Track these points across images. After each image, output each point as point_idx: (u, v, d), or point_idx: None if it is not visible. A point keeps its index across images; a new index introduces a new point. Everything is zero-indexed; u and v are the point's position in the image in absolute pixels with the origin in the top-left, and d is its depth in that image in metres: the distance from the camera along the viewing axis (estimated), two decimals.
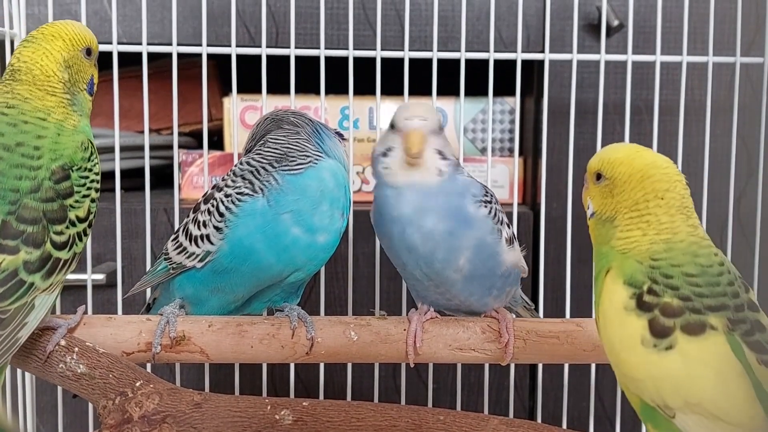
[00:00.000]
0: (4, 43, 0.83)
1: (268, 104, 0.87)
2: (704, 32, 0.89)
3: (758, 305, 0.54)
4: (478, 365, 0.97)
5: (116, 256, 0.84)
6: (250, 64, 0.91)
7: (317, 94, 0.87)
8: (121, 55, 0.84)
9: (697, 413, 0.50)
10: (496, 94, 0.98)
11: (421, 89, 0.94)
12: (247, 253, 0.66)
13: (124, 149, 1.03)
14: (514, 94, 0.87)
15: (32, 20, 0.93)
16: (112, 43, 0.83)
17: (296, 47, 0.85)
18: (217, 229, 0.67)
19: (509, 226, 0.72)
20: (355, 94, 0.86)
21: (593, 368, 0.89)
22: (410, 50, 0.85)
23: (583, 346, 0.70)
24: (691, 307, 0.52)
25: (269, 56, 0.85)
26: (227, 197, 0.67)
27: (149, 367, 0.80)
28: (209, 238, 0.67)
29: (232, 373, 0.87)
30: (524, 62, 0.89)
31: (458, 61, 0.86)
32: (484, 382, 0.89)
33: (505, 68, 0.93)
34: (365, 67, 0.87)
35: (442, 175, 0.66)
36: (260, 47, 0.85)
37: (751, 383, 0.50)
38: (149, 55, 0.84)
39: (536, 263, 0.91)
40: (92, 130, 0.66)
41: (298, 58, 0.85)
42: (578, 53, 0.87)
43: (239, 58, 0.85)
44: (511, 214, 0.86)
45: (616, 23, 0.93)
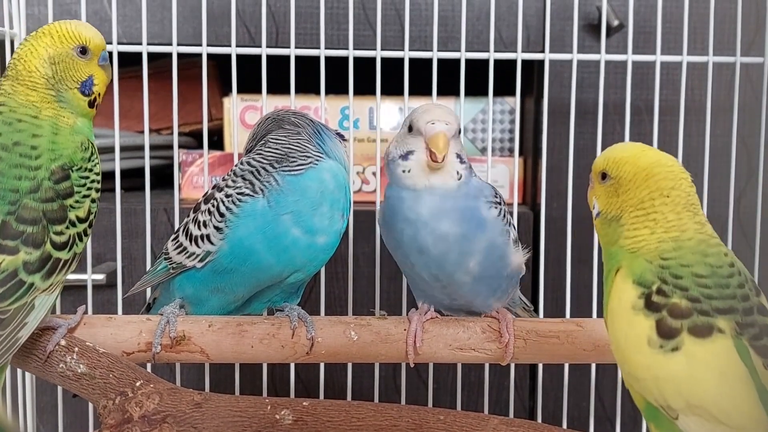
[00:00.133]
0: (4, 43, 0.83)
1: (268, 104, 0.87)
2: (704, 32, 0.89)
3: None
4: (478, 365, 0.97)
5: (116, 256, 0.84)
6: (250, 64, 0.91)
7: (317, 94, 0.87)
8: (121, 55, 0.84)
9: (699, 416, 0.50)
10: (496, 94, 0.98)
11: (421, 89, 0.94)
12: (247, 253, 0.66)
13: (124, 149, 1.03)
14: (514, 94, 0.87)
15: (32, 20, 0.93)
16: (112, 43, 0.83)
17: (296, 47, 0.85)
18: (217, 229, 0.67)
19: (515, 227, 0.72)
20: (355, 94, 0.86)
21: (593, 368, 0.89)
22: (410, 50, 0.85)
23: (583, 346, 0.70)
24: (699, 308, 0.52)
25: (269, 56, 0.85)
26: (228, 197, 0.67)
27: (149, 367, 0.80)
28: (209, 238, 0.67)
29: (232, 373, 0.87)
30: (524, 62, 0.89)
31: (458, 61, 0.86)
32: (484, 382, 0.89)
33: (505, 68, 0.92)
34: (365, 67, 0.87)
35: (460, 178, 0.67)
36: (260, 47, 0.85)
37: (755, 388, 0.50)
38: (149, 55, 0.84)
39: (536, 263, 0.91)
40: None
41: (298, 58, 0.85)
42: (578, 53, 0.87)
43: (239, 58, 0.85)
44: (511, 214, 0.86)
45: (616, 23, 0.93)
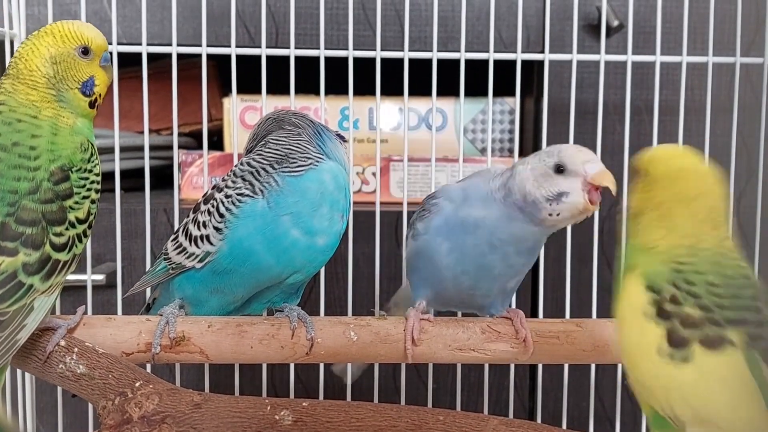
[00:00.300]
0: (3, 43, 0.83)
1: (267, 105, 0.87)
2: (704, 32, 0.89)
3: None
4: (478, 365, 0.97)
5: (116, 256, 0.84)
6: (249, 64, 0.91)
7: (317, 94, 0.87)
8: (120, 55, 0.84)
9: (706, 428, 0.50)
10: (495, 94, 0.98)
11: (421, 89, 0.94)
12: (246, 254, 0.66)
13: (123, 150, 1.03)
14: (514, 94, 0.87)
15: (32, 20, 0.93)
16: (111, 43, 0.83)
17: (296, 47, 0.85)
18: (216, 229, 0.67)
19: None
20: (355, 94, 0.86)
21: (593, 368, 0.89)
22: (410, 50, 0.85)
23: (583, 346, 0.70)
24: (711, 318, 0.51)
25: (269, 56, 0.85)
26: (227, 198, 0.67)
27: (149, 367, 0.80)
28: (209, 238, 0.67)
29: (232, 373, 0.87)
30: (524, 62, 0.89)
31: (458, 61, 0.86)
32: (484, 382, 0.89)
33: (505, 68, 0.92)
34: (365, 67, 0.87)
35: None
36: (260, 47, 0.85)
37: (765, 401, 0.49)
38: (149, 55, 0.84)
39: (536, 263, 0.91)
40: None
41: (297, 58, 0.85)
42: (578, 53, 0.87)
43: (239, 58, 0.85)
44: None
45: (616, 23, 0.93)
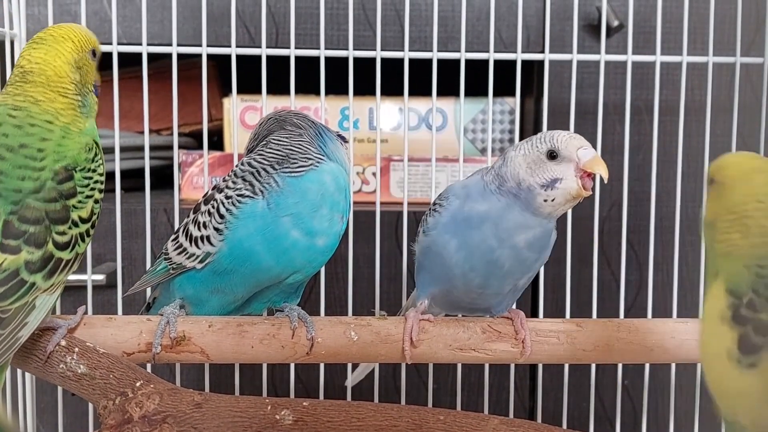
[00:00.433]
0: (3, 43, 0.83)
1: (268, 105, 0.87)
2: (704, 32, 0.89)
3: None
4: (478, 365, 0.97)
5: (116, 256, 0.84)
6: (250, 64, 0.91)
7: (317, 94, 0.87)
8: (121, 55, 0.84)
9: None
10: (496, 94, 0.98)
11: (421, 89, 0.94)
12: (246, 254, 0.66)
13: (124, 150, 1.03)
14: (514, 94, 0.87)
15: (32, 21, 0.93)
16: (112, 43, 0.83)
17: (296, 47, 0.85)
18: (217, 230, 0.67)
19: None
20: (355, 94, 0.86)
21: (593, 368, 0.89)
22: (410, 50, 0.85)
23: (583, 346, 0.70)
24: None
25: (269, 56, 0.85)
26: (228, 199, 0.67)
27: (149, 367, 0.80)
28: (209, 239, 0.67)
29: (232, 373, 0.87)
30: (524, 62, 0.89)
31: (458, 61, 0.86)
32: (484, 382, 0.89)
33: (505, 68, 0.93)
34: (365, 67, 0.88)
35: None
36: (260, 47, 0.85)
37: None
38: (149, 55, 0.84)
39: None
40: None
41: (298, 58, 0.85)
42: (578, 53, 0.87)
43: (239, 58, 0.85)
44: None
45: (616, 23, 0.93)
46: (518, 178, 0.66)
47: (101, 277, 0.91)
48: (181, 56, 0.85)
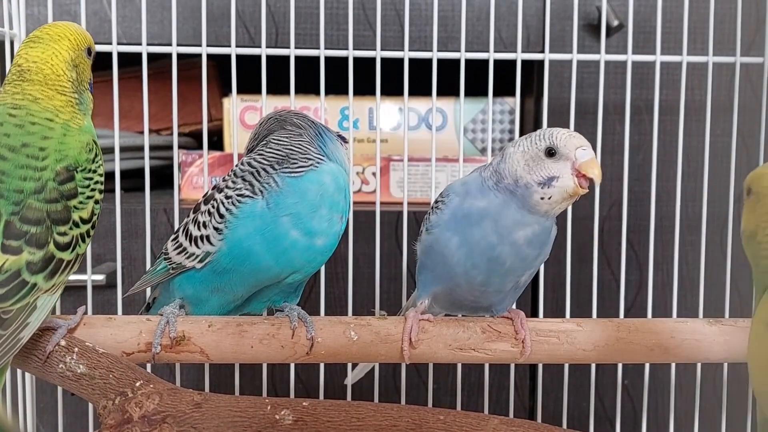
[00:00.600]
0: (3, 43, 0.83)
1: (267, 105, 0.87)
2: (704, 32, 0.89)
3: None
4: (478, 365, 0.97)
5: (116, 256, 0.84)
6: (249, 64, 0.91)
7: (317, 94, 0.87)
8: (120, 55, 0.84)
9: None
10: (496, 94, 0.98)
11: (421, 89, 0.94)
12: (246, 254, 0.66)
13: (123, 150, 1.03)
14: (514, 94, 0.87)
15: (32, 20, 0.93)
16: (111, 43, 0.83)
17: (296, 47, 0.85)
18: (216, 230, 0.67)
19: None
20: (354, 94, 0.86)
21: (593, 368, 0.89)
22: (410, 50, 0.85)
23: (583, 346, 0.70)
24: None
25: (269, 56, 0.85)
26: (227, 198, 0.67)
27: (149, 367, 0.80)
28: (209, 238, 0.67)
29: (232, 373, 0.87)
30: (524, 62, 0.89)
31: (458, 61, 0.86)
32: (484, 382, 0.89)
33: (505, 68, 0.93)
34: (365, 67, 0.88)
35: None
36: (260, 47, 0.84)
37: None
38: (149, 55, 0.84)
39: None
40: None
41: (297, 58, 0.85)
42: (578, 53, 0.87)
43: (239, 58, 0.85)
44: None
45: (616, 23, 0.93)
46: (516, 175, 0.66)
47: (101, 277, 0.91)
48: (181, 56, 0.85)
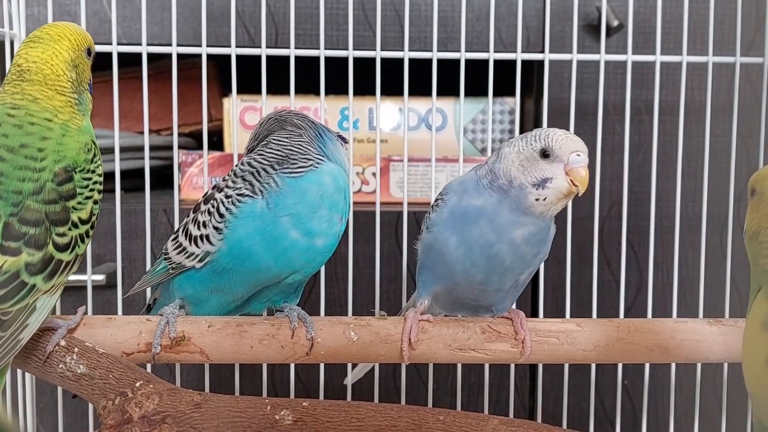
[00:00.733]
0: (3, 43, 0.83)
1: (267, 105, 0.87)
2: (704, 32, 0.89)
3: None
4: (478, 365, 0.97)
5: (116, 256, 0.84)
6: (249, 64, 0.91)
7: (317, 94, 0.87)
8: (120, 55, 0.84)
9: None
10: (495, 94, 0.98)
11: (421, 89, 0.94)
12: (245, 254, 0.66)
13: (123, 150, 1.03)
14: (514, 94, 0.87)
15: (32, 21, 0.93)
16: (111, 43, 0.83)
17: (296, 47, 0.85)
18: (216, 229, 0.67)
19: None
20: (354, 94, 0.86)
21: (593, 368, 0.89)
22: (410, 50, 0.85)
23: (583, 346, 0.70)
24: None
25: (269, 57, 0.85)
26: (227, 198, 0.67)
27: (149, 367, 0.80)
28: (209, 238, 0.67)
29: (232, 373, 0.87)
30: (524, 62, 0.89)
31: (458, 61, 0.86)
32: (484, 382, 0.89)
33: (504, 68, 0.93)
34: (365, 67, 0.88)
35: None
36: (260, 47, 0.85)
37: None
38: (149, 55, 0.84)
39: None
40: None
41: (297, 58, 0.85)
42: (578, 53, 0.87)
43: (239, 58, 0.85)
44: None
45: (615, 23, 0.93)
46: (510, 175, 0.66)
47: (101, 277, 0.91)
48: (180, 56, 0.85)
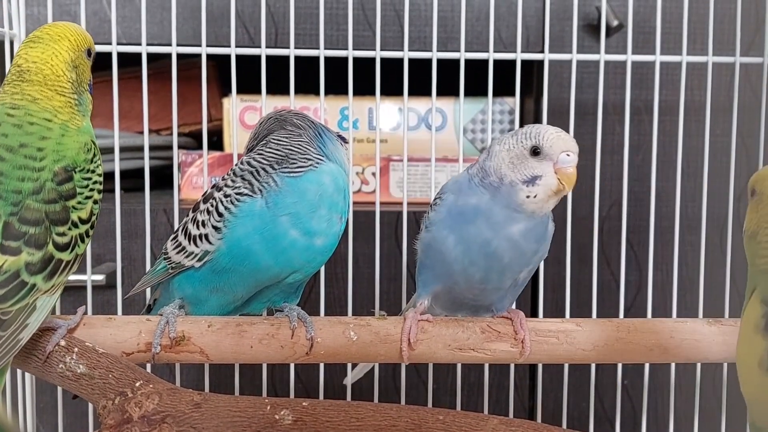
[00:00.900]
0: (3, 43, 0.84)
1: (267, 105, 0.87)
2: (704, 32, 0.89)
3: None
4: (477, 365, 0.97)
5: (116, 256, 0.84)
6: (249, 64, 0.91)
7: (317, 94, 0.87)
8: (120, 55, 0.84)
9: None
10: (495, 94, 0.98)
11: (420, 89, 0.94)
12: (244, 253, 0.66)
13: (123, 150, 1.03)
14: (513, 94, 0.87)
15: (32, 21, 0.93)
16: (111, 43, 0.83)
17: (296, 47, 0.85)
18: (215, 228, 0.67)
19: None
20: (354, 94, 0.86)
21: (593, 368, 0.89)
22: (410, 50, 0.85)
23: (582, 345, 0.70)
24: None
25: (269, 56, 0.85)
26: (226, 197, 0.67)
27: (149, 367, 0.80)
28: (208, 237, 0.67)
29: (232, 373, 0.87)
30: (524, 62, 0.89)
31: (458, 61, 0.86)
32: (484, 382, 0.89)
33: (504, 68, 0.93)
34: (365, 67, 0.88)
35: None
36: (260, 47, 0.85)
37: None
38: (149, 55, 0.84)
39: None
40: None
41: (297, 58, 0.85)
42: (578, 53, 0.87)
43: (239, 58, 0.85)
44: None
45: (615, 23, 0.93)
46: (501, 172, 0.66)
47: (101, 277, 0.91)
48: (180, 56, 0.85)
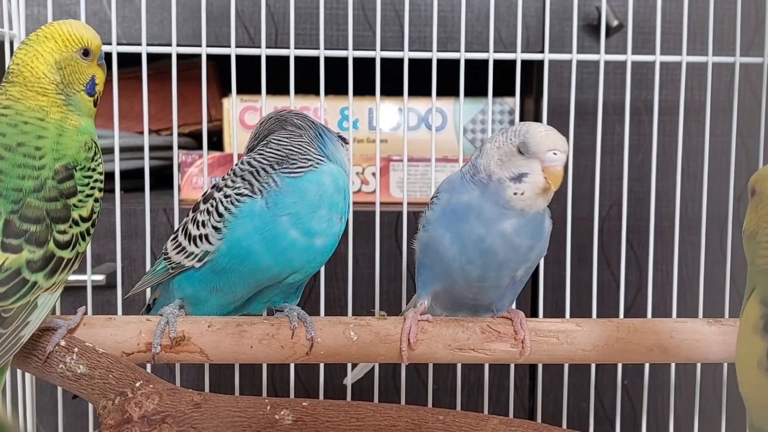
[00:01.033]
0: (3, 43, 0.84)
1: (267, 105, 0.87)
2: (704, 32, 0.89)
3: None
4: (477, 365, 0.97)
5: (116, 256, 0.84)
6: (249, 64, 0.91)
7: (317, 94, 0.87)
8: (120, 55, 0.84)
9: None
10: (495, 94, 0.98)
11: (420, 89, 0.94)
12: (244, 253, 0.66)
13: (123, 150, 1.03)
14: (513, 94, 0.87)
15: (32, 21, 0.93)
16: (111, 43, 0.83)
17: (296, 47, 0.85)
18: (215, 229, 0.67)
19: None
20: (354, 94, 0.86)
21: (593, 368, 0.89)
22: (410, 50, 0.85)
23: (582, 346, 0.70)
24: None
25: (269, 57, 0.85)
26: (226, 197, 0.67)
27: (149, 367, 0.80)
28: (208, 237, 0.67)
29: (232, 373, 0.87)
30: (524, 62, 0.89)
31: (458, 61, 0.86)
32: (484, 382, 0.89)
33: (504, 68, 0.93)
34: (365, 67, 0.88)
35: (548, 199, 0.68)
36: (260, 48, 0.85)
37: None
38: (149, 55, 0.84)
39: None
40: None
41: (297, 58, 0.85)
42: (578, 53, 0.87)
43: (239, 58, 0.85)
44: None
45: (615, 23, 0.93)
46: (489, 169, 0.67)
47: (101, 277, 0.91)
48: (180, 56, 0.85)
